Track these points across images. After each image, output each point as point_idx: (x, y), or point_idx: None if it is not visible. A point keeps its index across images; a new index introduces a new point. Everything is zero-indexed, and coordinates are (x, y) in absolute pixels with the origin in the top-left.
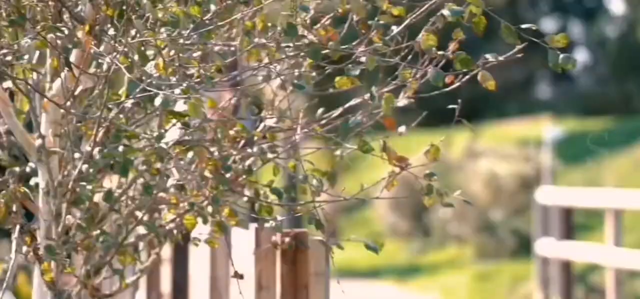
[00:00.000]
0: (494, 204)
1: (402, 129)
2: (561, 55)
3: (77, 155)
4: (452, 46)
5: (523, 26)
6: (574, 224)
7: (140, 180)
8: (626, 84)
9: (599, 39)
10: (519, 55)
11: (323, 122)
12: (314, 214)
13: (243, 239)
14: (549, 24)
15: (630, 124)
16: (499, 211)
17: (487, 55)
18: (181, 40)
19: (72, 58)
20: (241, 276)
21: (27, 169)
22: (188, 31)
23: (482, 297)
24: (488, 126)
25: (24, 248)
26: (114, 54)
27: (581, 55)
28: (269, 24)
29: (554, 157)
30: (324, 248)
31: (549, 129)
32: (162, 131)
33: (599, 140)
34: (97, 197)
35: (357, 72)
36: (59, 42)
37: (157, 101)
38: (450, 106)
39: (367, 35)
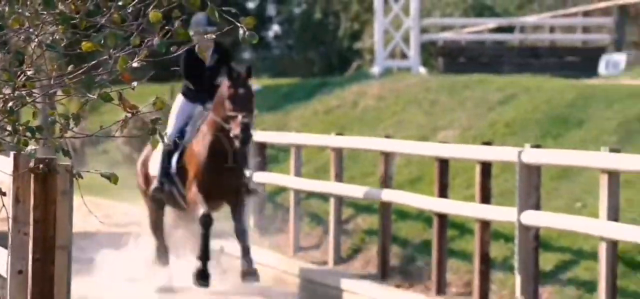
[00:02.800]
0: None
1: (134, 84)
2: (247, 33)
3: None
4: (176, 23)
5: (224, 9)
6: (266, 157)
7: None
8: (308, 52)
9: (288, 16)
10: (227, 29)
11: (71, 76)
12: (63, 145)
13: (4, 164)
14: (251, 4)
15: (311, 83)
16: None
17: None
18: None
19: None
20: (4, 194)
21: None
22: None
23: None
24: None
25: None
26: None
27: (275, 28)
28: None
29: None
30: (69, 172)
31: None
32: None
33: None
34: None
35: (100, 39)
36: None
37: None
38: (174, 67)
39: (108, 11)
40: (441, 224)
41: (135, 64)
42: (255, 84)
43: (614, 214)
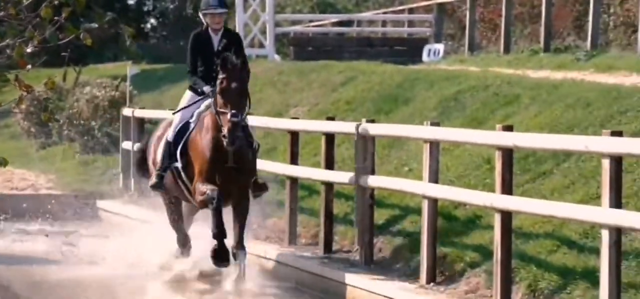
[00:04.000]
0: (94, 117)
1: (28, 67)
2: (128, 41)
3: None
4: (63, 15)
5: (108, 17)
6: (145, 129)
7: None
8: (180, 41)
9: (163, 10)
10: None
11: None
12: None
13: None
14: (131, 1)
15: (182, 68)
16: (97, 121)
17: (86, 26)
18: None
19: None
20: None
21: None
22: None
23: (86, 177)
24: (93, 66)
25: None
26: None
27: (152, 21)
28: None
29: (133, 87)
30: None
31: (130, 69)
32: None
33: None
34: None
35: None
36: None
37: None
38: (64, 53)
39: (5, 5)
40: (292, 187)
41: (28, 49)
42: (134, 68)
43: (434, 177)
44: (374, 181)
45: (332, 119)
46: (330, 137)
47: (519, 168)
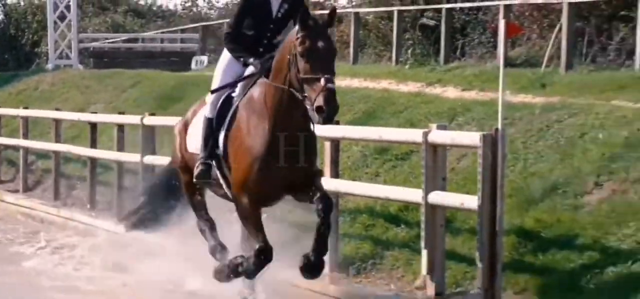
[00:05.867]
0: None
1: None
2: None
3: None
4: None
5: None
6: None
7: None
8: (5, 54)
9: None
10: None
11: None
12: None
13: None
14: None
15: (6, 75)
16: None
17: None
18: None
19: None
20: None
21: None
22: None
23: None
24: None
25: None
26: None
27: None
28: None
29: None
30: None
31: None
32: None
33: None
34: None
35: None
36: None
37: None
38: None
39: None
40: (93, 165)
41: None
42: None
43: None
44: (156, 159)
45: (122, 113)
46: (121, 127)
47: None
